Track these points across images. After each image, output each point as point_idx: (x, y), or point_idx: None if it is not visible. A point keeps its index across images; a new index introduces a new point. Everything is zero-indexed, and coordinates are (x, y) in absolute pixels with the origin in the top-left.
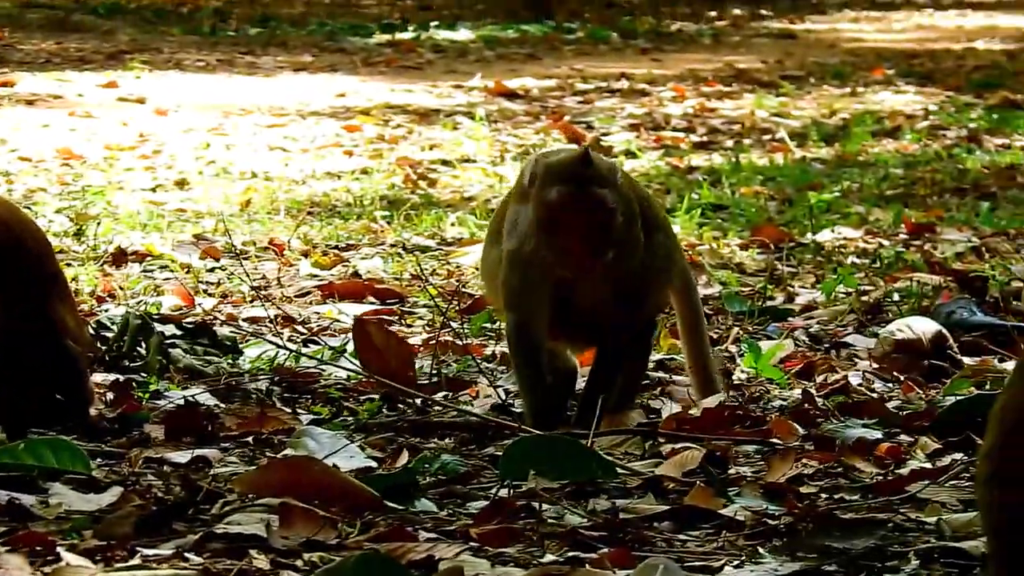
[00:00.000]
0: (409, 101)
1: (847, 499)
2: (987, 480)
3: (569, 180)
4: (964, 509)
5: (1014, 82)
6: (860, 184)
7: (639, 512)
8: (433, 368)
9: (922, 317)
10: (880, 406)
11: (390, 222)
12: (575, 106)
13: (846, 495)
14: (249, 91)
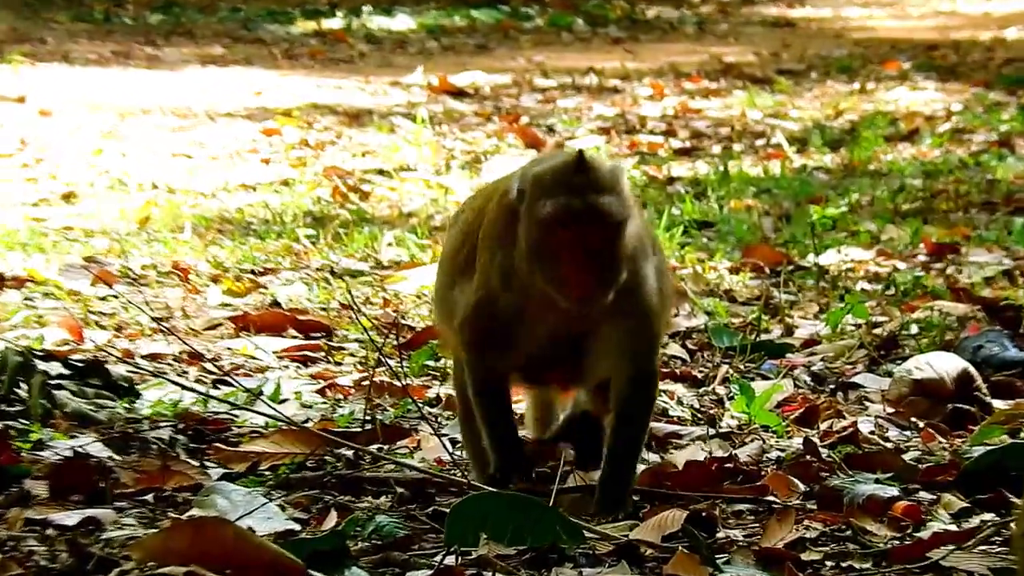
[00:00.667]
0: (338, 100)
1: (857, 568)
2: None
3: (565, 190)
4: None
5: None
6: (871, 197)
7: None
8: (366, 414)
9: (945, 353)
10: (895, 458)
11: (315, 242)
12: (534, 106)
13: (856, 563)
14: (149, 88)
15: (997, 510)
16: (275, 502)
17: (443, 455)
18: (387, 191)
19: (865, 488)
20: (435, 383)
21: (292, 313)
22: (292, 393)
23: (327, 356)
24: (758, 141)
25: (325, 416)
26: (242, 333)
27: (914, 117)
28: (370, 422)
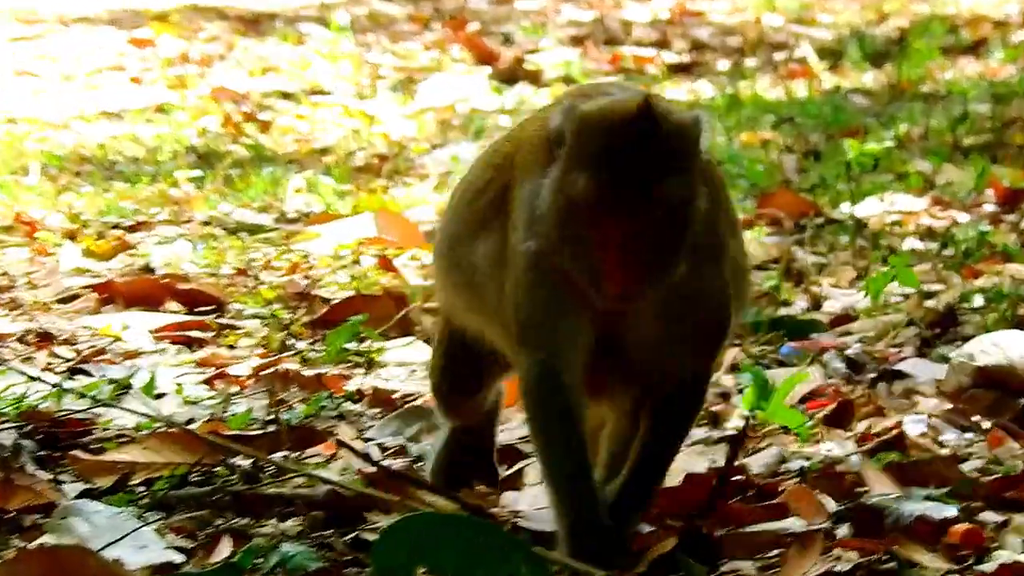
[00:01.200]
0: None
1: None
2: None
3: (614, 158)
4: None
5: None
6: (924, 128)
7: None
8: (269, 412)
9: (1019, 332)
10: (953, 468)
11: (200, 188)
12: (485, 8)
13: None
14: None
15: None
16: (151, 526)
17: (367, 466)
18: (294, 120)
19: (913, 507)
20: (357, 372)
21: (171, 281)
22: (172, 385)
23: (217, 337)
24: (778, 55)
25: (215, 415)
26: (106, 307)
27: (981, 23)
28: (273, 423)
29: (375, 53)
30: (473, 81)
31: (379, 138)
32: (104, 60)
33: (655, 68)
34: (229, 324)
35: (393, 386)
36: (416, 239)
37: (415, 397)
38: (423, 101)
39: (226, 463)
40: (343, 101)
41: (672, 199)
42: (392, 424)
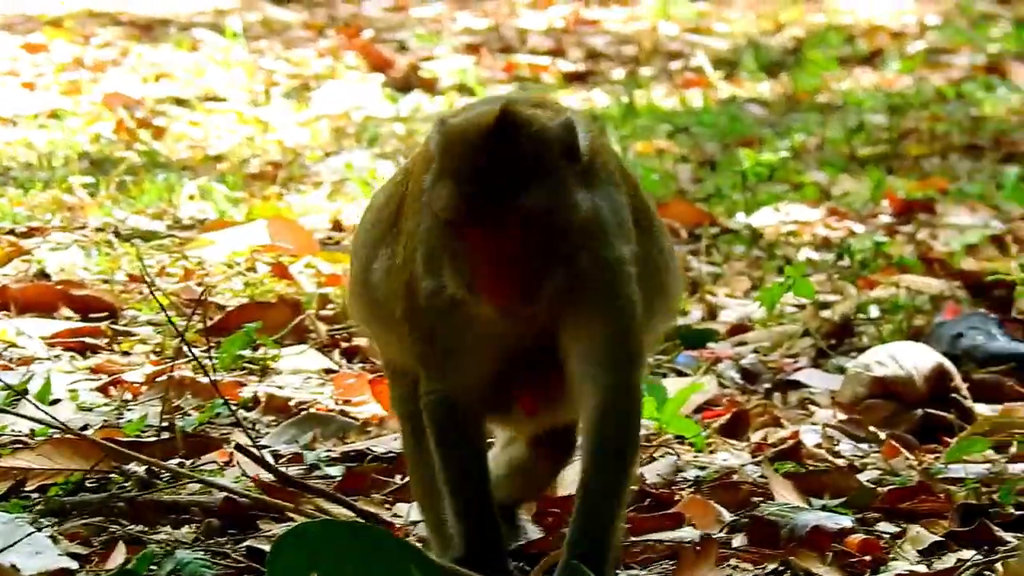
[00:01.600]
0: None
1: None
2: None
3: (470, 170)
4: None
5: None
6: (820, 139)
7: None
8: (163, 419)
9: (914, 343)
10: (849, 478)
11: (94, 194)
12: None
13: None
14: None
15: (979, 547)
16: (45, 532)
17: (262, 472)
18: (187, 127)
19: (809, 517)
20: (252, 379)
21: (65, 287)
22: (66, 391)
23: (111, 343)
24: (673, 64)
25: (109, 422)
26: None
27: (877, 33)
28: (168, 429)
29: (269, 60)
30: (367, 88)
31: (273, 145)
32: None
33: (550, 77)
34: (124, 331)
35: (288, 393)
36: (310, 246)
37: (310, 404)
38: (317, 108)
39: (121, 470)
40: (237, 108)
41: (534, 208)
42: (287, 431)
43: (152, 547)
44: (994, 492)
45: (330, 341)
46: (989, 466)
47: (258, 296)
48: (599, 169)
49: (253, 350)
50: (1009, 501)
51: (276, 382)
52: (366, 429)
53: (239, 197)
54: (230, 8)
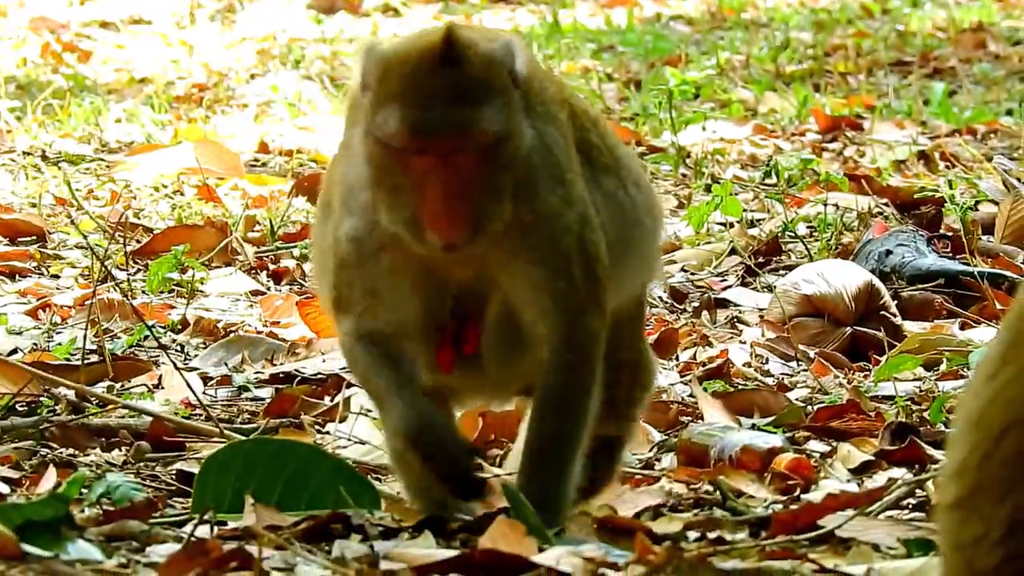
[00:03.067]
0: None
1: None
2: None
3: (417, 94)
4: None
5: None
6: (746, 56)
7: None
8: (92, 342)
9: (842, 261)
10: (778, 397)
11: (21, 118)
12: None
13: (727, 533)
14: None
15: (910, 465)
16: None
17: (190, 395)
18: (114, 50)
19: (738, 437)
20: (180, 302)
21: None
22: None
23: (40, 267)
24: None
25: (38, 345)
26: None
27: None
28: (96, 353)
29: None
30: (292, 10)
31: (199, 68)
32: None
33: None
34: (52, 254)
35: (216, 316)
36: (237, 169)
37: (238, 326)
38: (242, 31)
39: (50, 394)
40: (163, 30)
41: (489, 132)
42: (216, 353)
43: (83, 470)
44: (924, 410)
45: (257, 263)
46: (919, 384)
47: (185, 219)
48: (535, 101)
49: (181, 273)
50: (939, 419)
51: (204, 304)
52: (294, 351)
53: (165, 120)
54: None
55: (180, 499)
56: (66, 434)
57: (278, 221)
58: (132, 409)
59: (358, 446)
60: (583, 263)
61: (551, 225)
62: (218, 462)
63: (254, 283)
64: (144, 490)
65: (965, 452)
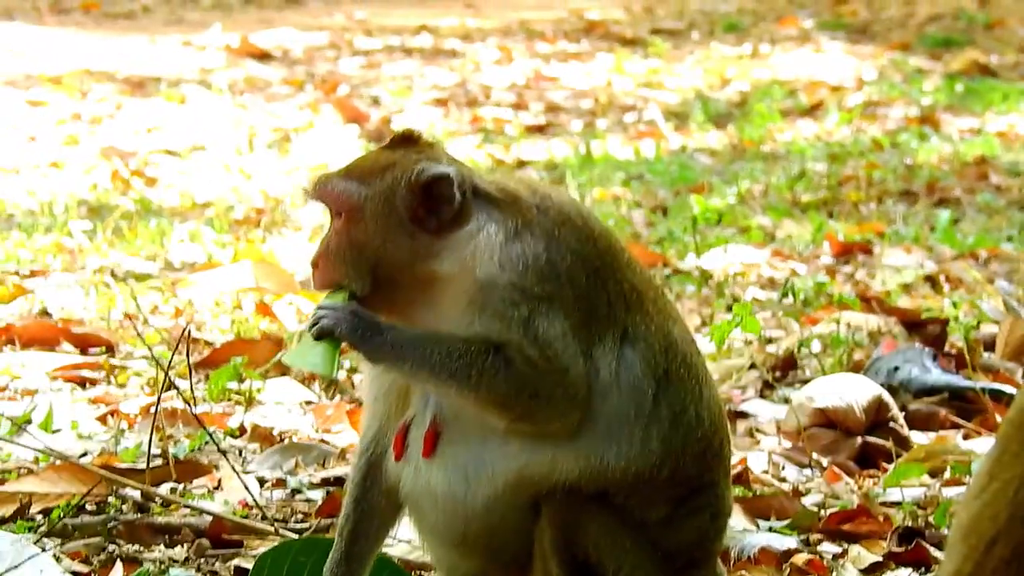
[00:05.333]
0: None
1: None
2: None
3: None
4: None
5: (985, 38)
6: (765, 185)
7: None
8: (156, 447)
9: (854, 376)
10: (793, 502)
11: (92, 238)
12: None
13: None
14: None
15: (916, 566)
16: (49, 552)
17: (248, 496)
18: (177, 176)
19: (756, 539)
20: (238, 409)
21: (65, 324)
22: (67, 421)
23: (108, 376)
24: (627, 116)
25: (107, 449)
26: (5, 348)
27: (817, 87)
28: (160, 456)
29: (252, 113)
30: (343, 139)
31: (256, 192)
32: (1, 120)
33: (513, 128)
34: (120, 365)
35: (271, 423)
36: (291, 286)
37: (292, 433)
38: (297, 158)
39: (117, 494)
40: (223, 158)
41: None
42: (271, 458)
43: (147, 566)
44: (929, 514)
45: (310, 375)
46: (925, 490)
47: (243, 333)
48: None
49: (239, 382)
50: (943, 523)
51: (260, 412)
52: (344, 456)
53: (225, 241)
54: (216, 66)
55: None
56: (132, 531)
57: None
58: (194, 509)
59: (403, 544)
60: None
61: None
62: (271, 559)
63: (307, 392)
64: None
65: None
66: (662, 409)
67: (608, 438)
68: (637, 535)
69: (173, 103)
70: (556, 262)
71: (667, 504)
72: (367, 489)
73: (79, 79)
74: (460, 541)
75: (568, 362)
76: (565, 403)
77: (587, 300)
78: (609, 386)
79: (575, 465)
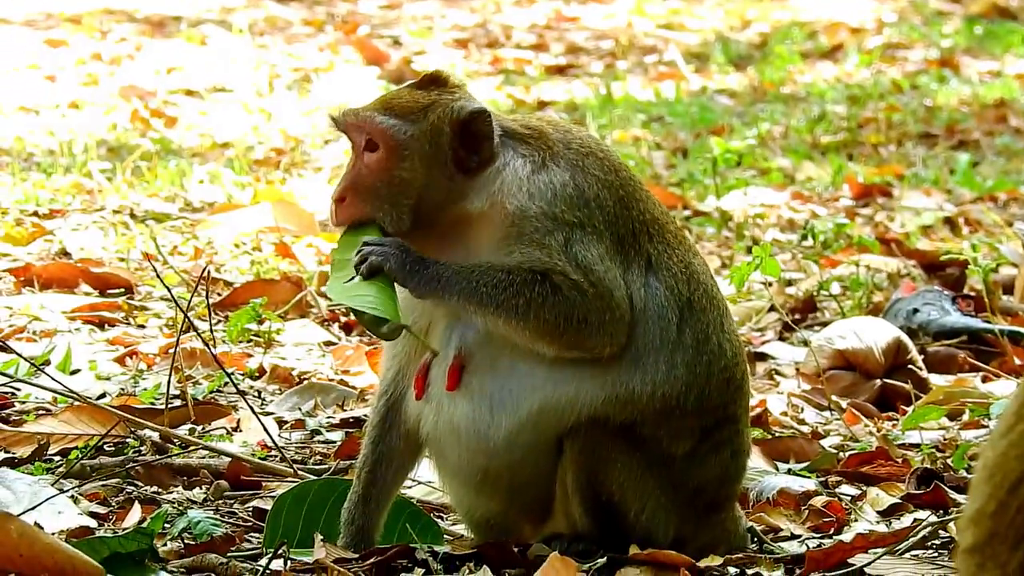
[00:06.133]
0: (137, 4)
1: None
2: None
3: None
4: None
5: None
6: (785, 127)
7: None
8: (175, 388)
9: (873, 318)
10: (812, 444)
11: (111, 178)
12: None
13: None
14: None
15: (934, 508)
16: (67, 493)
17: (266, 438)
18: (197, 116)
19: (775, 480)
20: (257, 351)
21: (84, 265)
22: (86, 362)
23: (127, 317)
24: (648, 57)
25: (125, 390)
26: (24, 289)
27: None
28: (179, 398)
29: (272, 54)
30: (364, 80)
31: (277, 133)
32: (20, 59)
33: (533, 69)
34: (139, 306)
35: (291, 364)
36: (311, 227)
37: (311, 374)
38: (317, 99)
39: (136, 435)
40: (243, 98)
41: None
42: (291, 399)
43: (166, 507)
44: (948, 457)
45: (330, 315)
46: (943, 433)
47: (263, 274)
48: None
49: (259, 324)
50: (961, 465)
51: (280, 353)
52: (364, 397)
53: (245, 182)
54: (236, 6)
55: (256, 535)
56: (150, 473)
57: None
58: (212, 450)
59: (422, 486)
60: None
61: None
62: (290, 500)
63: (327, 334)
64: (223, 526)
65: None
66: (686, 336)
67: (634, 365)
68: (661, 473)
69: (193, 43)
70: (584, 189)
71: (692, 437)
72: (386, 431)
73: (99, 19)
74: (481, 479)
75: (611, 284)
76: (613, 325)
77: (616, 226)
78: (639, 313)
79: (601, 393)
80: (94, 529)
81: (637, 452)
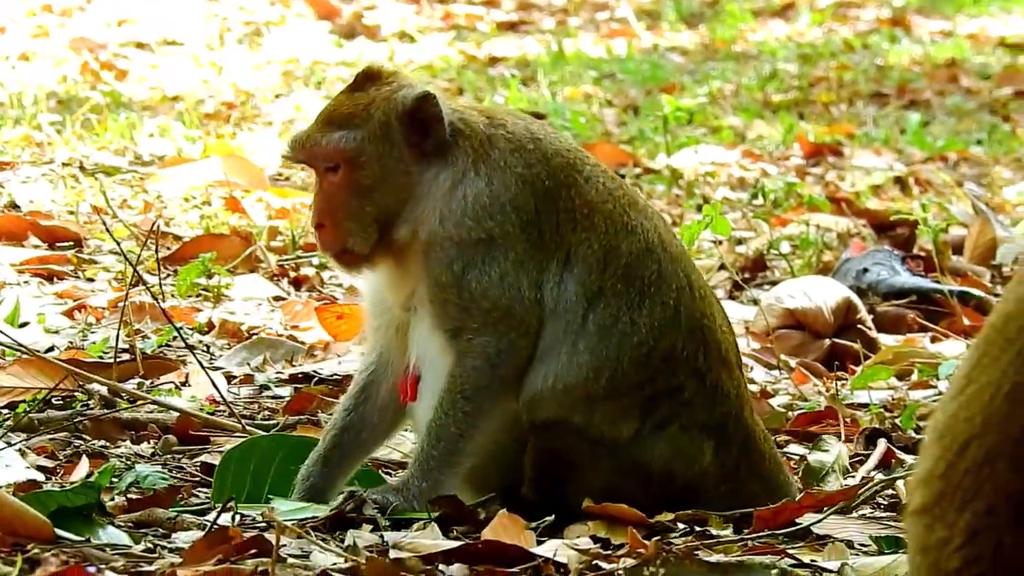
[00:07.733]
0: None
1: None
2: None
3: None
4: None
5: None
6: (736, 85)
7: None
8: (124, 342)
9: (822, 278)
10: (761, 403)
11: (61, 131)
12: None
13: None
14: None
15: (882, 467)
16: (15, 447)
17: (215, 392)
18: (148, 69)
19: None
20: (206, 305)
21: (33, 217)
22: (34, 315)
23: (76, 271)
24: (600, 14)
25: (74, 344)
26: None
27: None
28: (128, 352)
29: (223, 7)
30: (315, 35)
31: (227, 87)
32: None
33: (485, 26)
34: (88, 259)
35: (240, 318)
36: (262, 182)
37: (260, 329)
38: (268, 53)
39: (84, 389)
40: (194, 52)
41: (328, 151)
42: (239, 354)
43: (113, 461)
44: (896, 417)
45: (279, 271)
46: (892, 392)
47: (213, 228)
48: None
49: (208, 278)
50: (910, 425)
51: (229, 308)
52: (312, 353)
53: (195, 136)
54: None
55: (204, 489)
56: (98, 427)
57: (299, 231)
58: (160, 405)
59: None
60: (462, 285)
61: (438, 247)
62: (238, 455)
63: (276, 289)
64: (170, 480)
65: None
66: (589, 324)
67: (539, 363)
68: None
69: None
70: (500, 194)
71: (633, 419)
72: (361, 402)
73: None
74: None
75: (510, 301)
76: (522, 339)
77: (536, 223)
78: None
79: (517, 401)
80: (41, 483)
81: (584, 443)
